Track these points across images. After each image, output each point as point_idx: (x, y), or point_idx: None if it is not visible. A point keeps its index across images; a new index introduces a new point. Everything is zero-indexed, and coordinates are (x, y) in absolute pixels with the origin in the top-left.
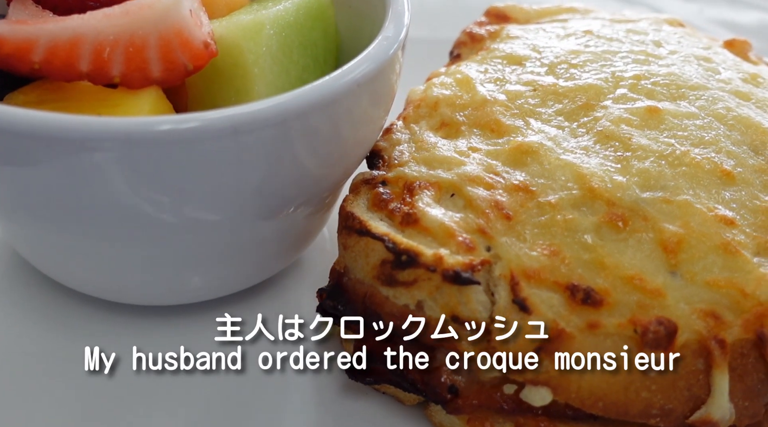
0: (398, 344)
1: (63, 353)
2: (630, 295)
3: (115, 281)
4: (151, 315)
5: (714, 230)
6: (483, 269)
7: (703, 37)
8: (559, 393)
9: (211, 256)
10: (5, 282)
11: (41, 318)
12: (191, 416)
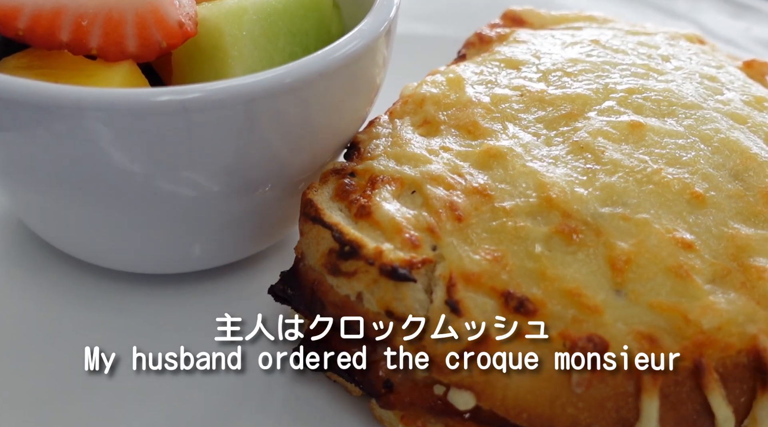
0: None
1: (67, 326)
2: (566, 308)
3: (103, 246)
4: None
5: (668, 252)
6: (424, 268)
7: (722, 55)
8: (483, 399)
9: (187, 228)
10: (12, 252)
11: (47, 287)
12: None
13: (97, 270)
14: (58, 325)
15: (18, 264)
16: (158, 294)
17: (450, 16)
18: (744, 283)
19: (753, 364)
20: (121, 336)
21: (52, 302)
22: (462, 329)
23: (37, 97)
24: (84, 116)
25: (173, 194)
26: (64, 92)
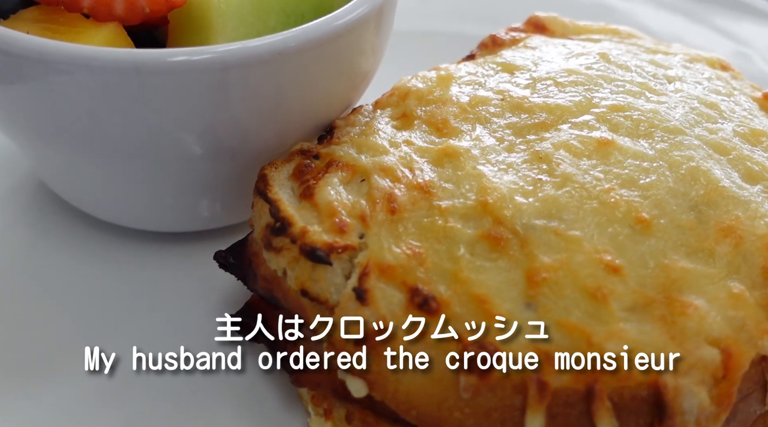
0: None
1: (82, 280)
2: (470, 313)
3: (113, 202)
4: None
5: (590, 273)
6: (346, 254)
7: (743, 84)
8: (376, 390)
9: (173, 186)
10: (33, 212)
11: (64, 246)
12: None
13: (112, 228)
14: (80, 253)
15: (36, 221)
16: (164, 251)
17: (481, 17)
18: (664, 316)
19: (652, 399)
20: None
21: (75, 231)
22: (363, 317)
23: (23, 50)
24: (51, 70)
25: (159, 153)
26: (33, 45)
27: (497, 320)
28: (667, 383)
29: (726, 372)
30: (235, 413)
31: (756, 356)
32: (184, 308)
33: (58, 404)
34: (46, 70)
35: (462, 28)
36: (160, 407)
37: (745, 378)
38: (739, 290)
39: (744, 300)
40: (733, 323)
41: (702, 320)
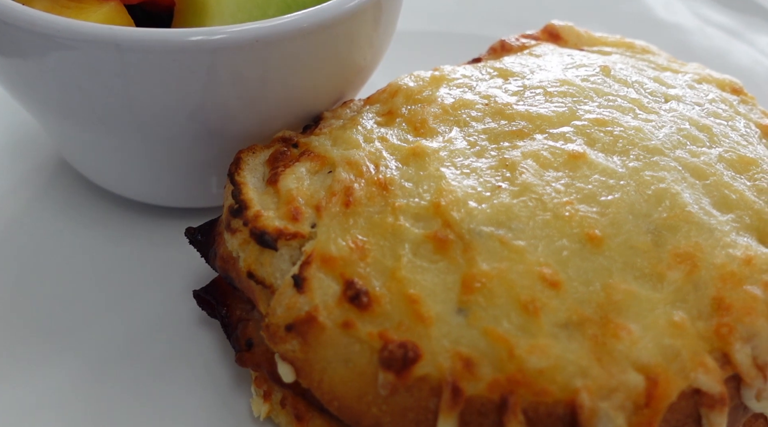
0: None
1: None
2: (399, 312)
3: (123, 176)
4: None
5: (527, 285)
6: (296, 241)
7: (752, 110)
8: (302, 376)
9: (167, 163)
10: (55, 187)
11: (83, 220)
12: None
13: (124, 202)
14: (98, 226)
15: (58, 195)
16: (165, 225)
17: (506, 23)
18: (596, 336)
19: (568, 418)
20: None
21: (93, 205)
22: (296, 304)
23: (16, 20)
24: (41, 42)
25: (144, 130)
26: (25, 16)
27: (424, 322)
28: (584, 403)
29: (649, 400)
30: (188, 389)
31: (687, 388)
32: (166, 280)
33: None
34: (35, 42)
35: (489, 32)
36: (118, 378)
37: (673, 410)
38: (680, 318)
39: (684, 329)
40: (666, 351)
41: (633, 345)
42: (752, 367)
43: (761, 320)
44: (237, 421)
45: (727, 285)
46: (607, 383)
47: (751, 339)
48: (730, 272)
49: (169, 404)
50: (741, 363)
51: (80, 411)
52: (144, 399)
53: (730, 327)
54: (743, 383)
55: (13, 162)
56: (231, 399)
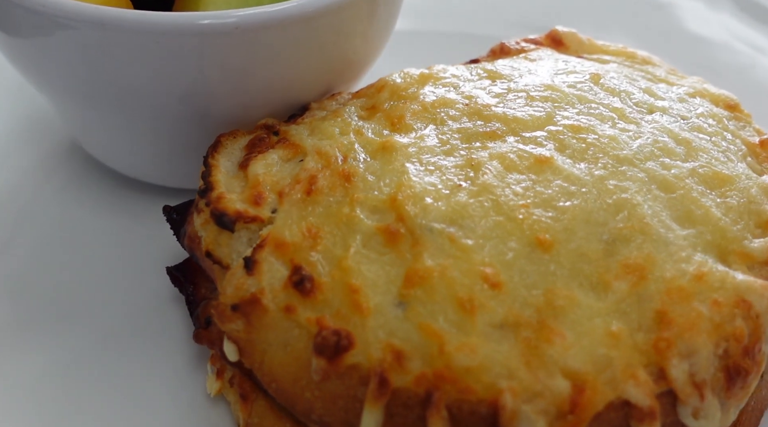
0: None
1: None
2: (339, 301)
3: (132, 157)
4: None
5: (468, 283)
6: (254, 224)
7: (745, 128)
8: (245, 357)
9: (162, 144)
10: (68, 168)
11: (100, 204)
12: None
13: (132, 183)
14: (114, 211)
15: (69, 176)
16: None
17: (519, 26)
18: (529, 339)
19: (491, 418)
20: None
21: (107, 189)
22: (244, 285)
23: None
24: (36, 20)
25: (131, 109)
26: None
27: (362, 312)
28: (506, 404)
29: (573, 408)
30: (151, 362)
31: (617, 399)
32: (151, 256)
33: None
34: (30, 20)
35: (506, 34)
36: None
37: (601, 420)
38: (618, 329)
39: (620, 340)
40: (598, 360)
41: (564, 351)
42: (688, 384)
43: (702, 338)
44: (191, 397)
45: (673, 300)
46: (532, 386)
47: (690, 356)
48: (678, 287)
49: (130, 376)
50: (676, 379)
51: (41, 377)
52: (107, 371)
53: (669, 342)
54: (678, 400)
55: (27, 145)
56: (191, 376)
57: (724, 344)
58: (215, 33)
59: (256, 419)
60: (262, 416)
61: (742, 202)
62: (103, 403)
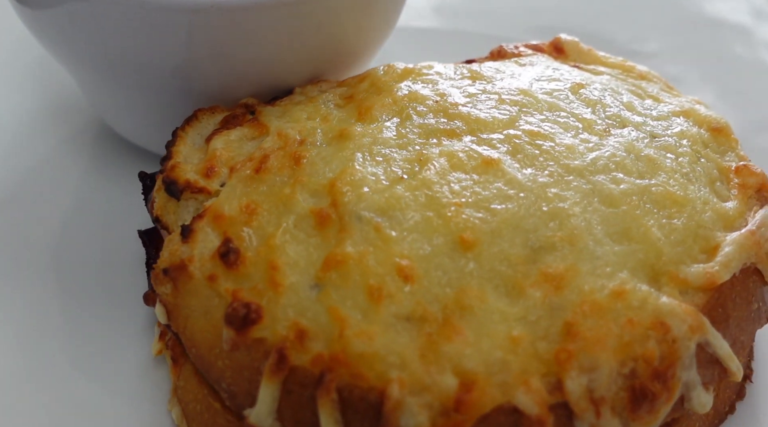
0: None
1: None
2: (259, 277)
3: (129, 123)
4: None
5: (381, 273)
6: (201, 195)
7: (726, 152)
8: (172, 320)
9: (161, 116)
10: (95, 147)
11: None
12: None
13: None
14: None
15: (97, 155)
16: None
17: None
18: (431, 334)
19: (377, 406)
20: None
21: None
22: (177, 251)
23: None
24: None
25: (121, 80)
26: None
27: (276, 289)
28: (391, 394)
29: (458, 406)
30: (108, 321)
31: (507, 404)
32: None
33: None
34: None
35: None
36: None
37: (489, 422)
38: (520, 335)
39: (520, 346)
40: (492, 363)
41: (460, 350)
42: (583, 398)
43: (606, 355)
44: (138, 358)
45: (584, 313)
46: (421, 380)
47: (591, 371)
48: (593, 301)
49: (88, 331)
50: (571, 392)
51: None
52: (69, 325)
53: (570, 354)
54: (573, 413)
55: (54, 124)
56: (145, 335)
57: (632, 363)
58: (192, 10)
59: (182, 382)
60: (187, 379)
61: (690, 226)
62: (56, 355)
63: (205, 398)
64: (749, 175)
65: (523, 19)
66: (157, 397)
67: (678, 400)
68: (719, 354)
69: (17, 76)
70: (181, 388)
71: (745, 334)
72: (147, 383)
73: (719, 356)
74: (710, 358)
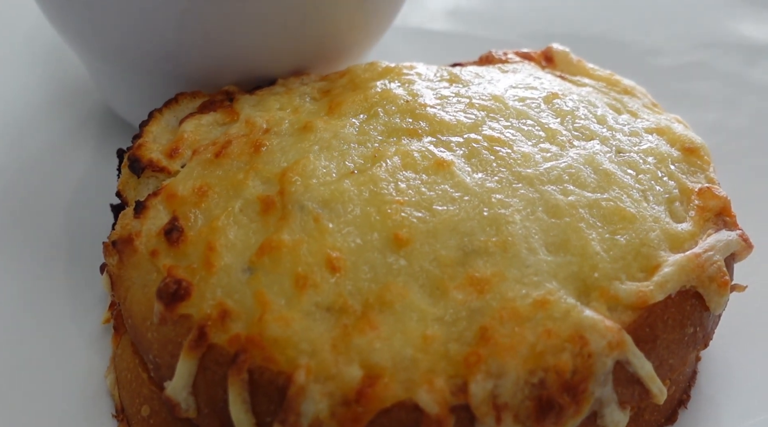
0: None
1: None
2: (196, 256)
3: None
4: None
5: (310, 262)
6: (162, 174)
7: (695, 173)
8: (115, 290)
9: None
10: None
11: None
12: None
13: None
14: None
15: (102, 141)
16: None
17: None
18: (347, 326)
19: (283, 391)
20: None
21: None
22: (128, 225)
23: None
24: None
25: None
26: None
27: (209, 269)
28: (297, 380)
29: (359, 398)
30: (68, 288)
31: (408, 400)
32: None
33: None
34: None
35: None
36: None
37: (391, 417)
38: (433, 334)
39: (430, 346)
40: (400, 359)
41: (371, 343)
42: (485, 403)
43: (515, 362)
44: (92, 326)
45: (502, 319)
46: (328, 369)
47: (498, 377)
48: (513, 309)
49: (47, 298)
50: (473, 395)
51: None
52: (30, 291)
53: (480, 358)
54: (475, 417)
55: (63, 108)
56: (100, 305)
57: (542, 373)
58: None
59: (120, 350)
60: (124, 349)
61: (633, 243)
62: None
63: (135, 367)
64: (711, 198)
65: (539, 27)
66: (101, 364)
67: (591, 416)
68: (640, 374)
69: (29, 62)
70: (118, 356)
71: (675, 357)
72: (94, 350)
73: (640, 377)
74: (631, 377)
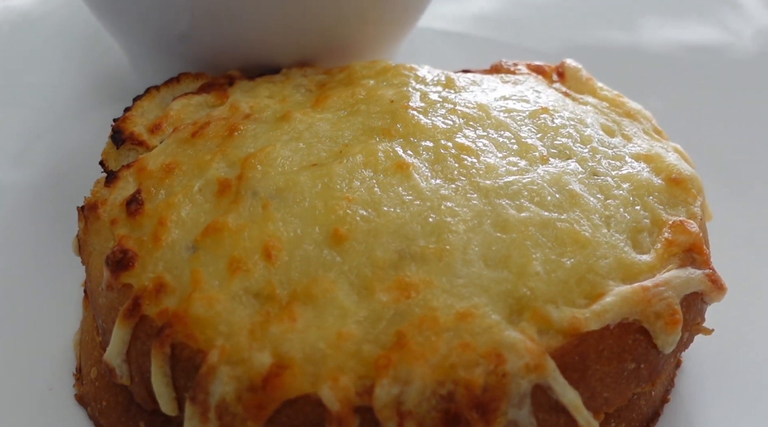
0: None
1: None
2: (148, 229)
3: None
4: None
5: (248, 247)
6: (141, 148)
7: (675, 204)
8: (82, 254)
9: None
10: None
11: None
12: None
13: None
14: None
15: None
16: None
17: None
18: (268, 313)
19: (198, 368)
20: None
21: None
22: (98, 193)
23: None
24: None
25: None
26: None
27: (156, 242)
28: (209, 360)
29: (265, 385)
30: (50, 251)
31: (314, 395)
32: None
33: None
34: None
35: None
36: None
37: (296, 409)
38: (349, 333)
39: (343, 343)
40: (311, 353)
41: (285, 333)
42: (389, 408)
43: (424, 371)
44: (69, 290)
45: (422, 327)
46: (240, 352)
47: (405, 384)
48: (433, 318)
49: (28, 258)
50: (377, 398)
51: None
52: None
53: (390, 362)
54: (378, 420)
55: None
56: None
57: (451, 386)
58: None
59: (86, 313)
60: (89, 312)
61: (578, 268)
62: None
63: (92, 330)
64: (681, 232)
65: (568, 36)
66: (73, 326)
67: None
68: (563, 402)
69: (69, 51)
70: (84, 319)
71: (610, 391)
72: (69, 311)
73: (564, 405)
74: (554, 404)
